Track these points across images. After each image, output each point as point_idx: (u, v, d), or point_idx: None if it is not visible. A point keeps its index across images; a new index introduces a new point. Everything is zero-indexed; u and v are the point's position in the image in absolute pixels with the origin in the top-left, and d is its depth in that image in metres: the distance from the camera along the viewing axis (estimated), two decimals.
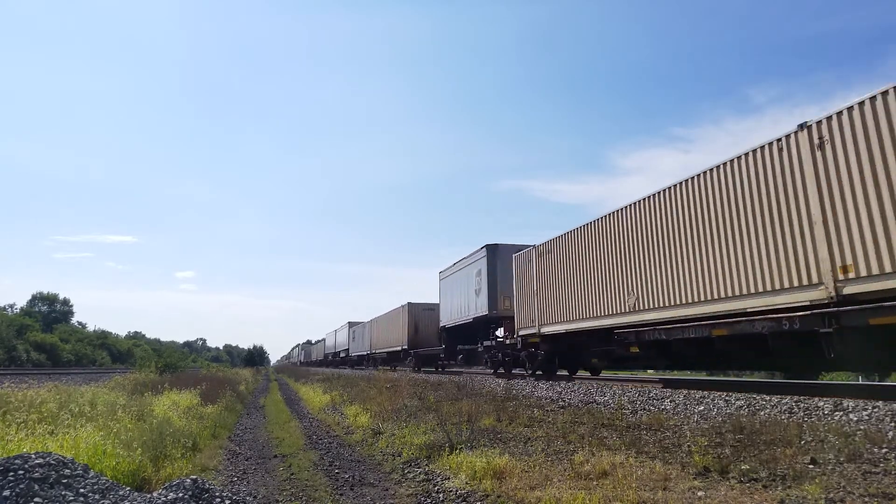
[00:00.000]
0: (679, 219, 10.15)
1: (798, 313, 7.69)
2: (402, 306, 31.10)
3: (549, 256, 15.22)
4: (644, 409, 8.86)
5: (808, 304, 7.58)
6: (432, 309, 28.49)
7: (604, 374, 16.60)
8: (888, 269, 6.57)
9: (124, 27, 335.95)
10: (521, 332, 16.67)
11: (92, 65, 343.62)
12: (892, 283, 6.54)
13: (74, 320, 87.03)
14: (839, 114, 7.23)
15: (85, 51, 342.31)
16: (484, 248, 20.11)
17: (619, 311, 11.87)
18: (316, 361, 77.39)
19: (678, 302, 10.06)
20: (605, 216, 12.62)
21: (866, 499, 3.85)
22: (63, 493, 3.54)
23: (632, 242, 11.57)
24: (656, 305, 10.65)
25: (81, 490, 3.64)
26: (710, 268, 9.34)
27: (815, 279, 7.52)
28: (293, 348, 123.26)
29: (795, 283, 7.79)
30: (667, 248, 10.45)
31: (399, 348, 31.29)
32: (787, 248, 7.97)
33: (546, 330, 15.18)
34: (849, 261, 7.04)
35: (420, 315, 29.66)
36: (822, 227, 7.42)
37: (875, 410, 6.26)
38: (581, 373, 16.34)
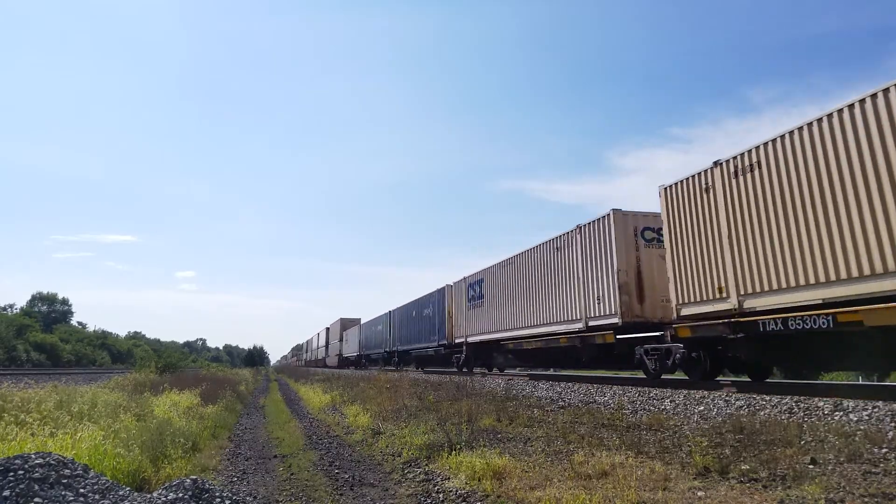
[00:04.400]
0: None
1: None
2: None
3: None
4: (644, 409, 8.86)
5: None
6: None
7: (604, 373, 17.28)
8: None
9: (124, 27, 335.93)
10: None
11: (92, 64, 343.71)
12: None
13: (74, 320, 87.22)
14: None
15: (85, 50, 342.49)
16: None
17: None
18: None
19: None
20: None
21: (866, 499, 3.85)
22: (63, 493, 3.53)
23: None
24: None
25: (81, 490, 3.63)
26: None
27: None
28: (291, 349, 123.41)
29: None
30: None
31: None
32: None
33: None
34: None
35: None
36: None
37: (875, 410, 6.26)
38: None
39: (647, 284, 12.22)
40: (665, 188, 10.95)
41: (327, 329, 61.40)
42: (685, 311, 10.32)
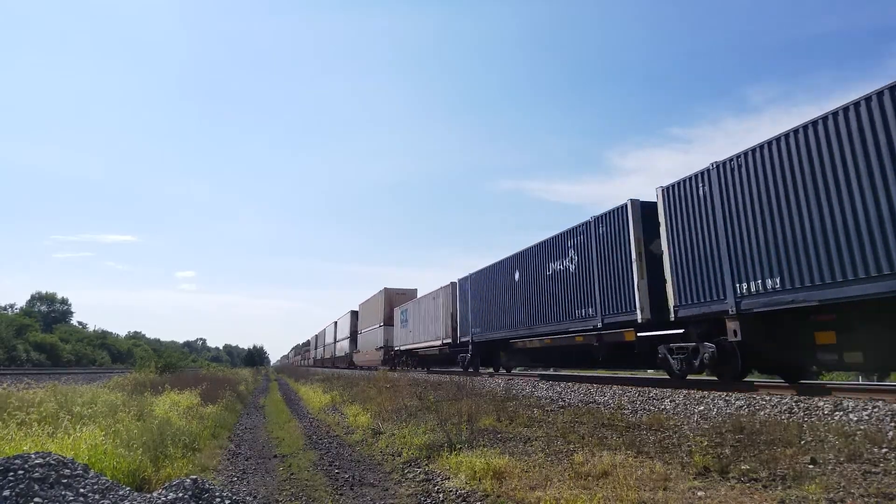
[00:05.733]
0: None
1: None
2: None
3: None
4: (644, 409, 8.86)
5: None
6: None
7: (604, 373, 17.05)
8: None
9: (124, 27, 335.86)
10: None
11: (92, 64, 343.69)
12: None
13: (74, 320, 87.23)
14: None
15: (85, 50, 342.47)
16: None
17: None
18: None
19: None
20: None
21: (866, 499, 3.85)
22: (63, 493, 3.53)
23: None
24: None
25: (81, 490, 3.63)
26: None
27: None
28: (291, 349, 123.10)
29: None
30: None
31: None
32: None
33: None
34: None
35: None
36: None
37: (875, 410, 6.26)
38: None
39: None
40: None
41: (353, 313, 44.06)
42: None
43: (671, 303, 10.43)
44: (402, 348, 28.89)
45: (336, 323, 51.22)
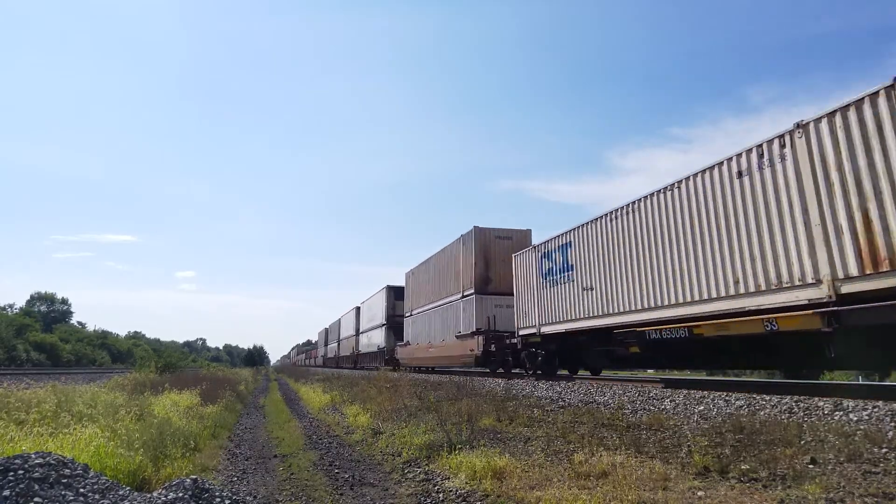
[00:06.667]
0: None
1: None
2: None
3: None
4: (644, 409, 8.86)
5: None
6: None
7: (604, 373, 16.61)
8: None
9: (124, 27, 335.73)
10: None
11: (92, 64, 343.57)
12: None
13: (74, 320, 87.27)
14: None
15: (85, 50, 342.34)
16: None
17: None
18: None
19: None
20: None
21: (866, 499, 3.84)
22: (63, 492, 3.53)
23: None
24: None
25: (81, 490, 3.63)
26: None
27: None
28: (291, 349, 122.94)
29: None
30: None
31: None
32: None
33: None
34: None
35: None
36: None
37: (875, 410, 6.26)
38: (581, 372, 16.28)
39: None
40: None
41: (391, 290, 31.97)
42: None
43: None
44: (549, 330, 15.01)
45: (359, 308, 39.77)
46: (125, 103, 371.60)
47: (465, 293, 20.02)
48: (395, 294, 31.88)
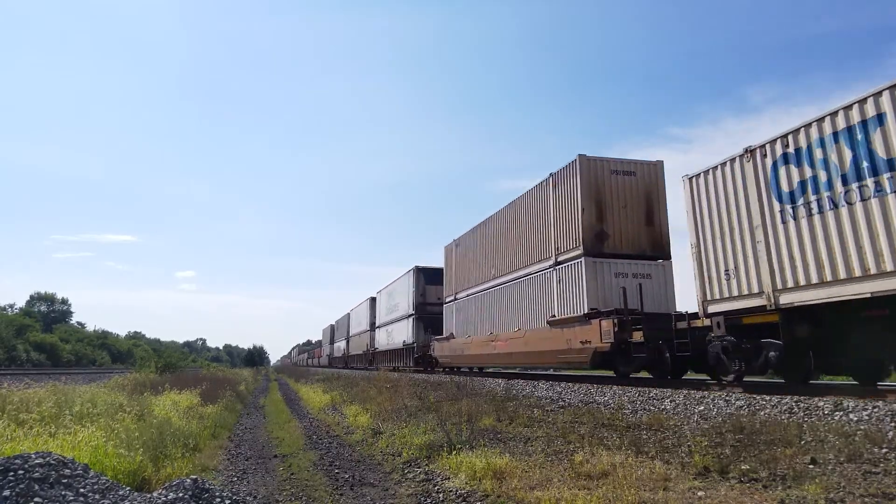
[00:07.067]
0: None
1: None
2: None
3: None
4: (644, 409, 8.86)
5: None
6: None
7: (603, 373, 14.20)
8: None
9: (124, 27, 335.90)
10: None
11: (92, 64, 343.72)
12: None
13: (74, 320, 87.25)
14: None
15: (85, 50, 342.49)
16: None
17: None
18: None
19: None
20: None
21: (866, 499, 3.84)
22: (63, 492, 3.53)
23: None
24: None
25: (81, 490, 3.63)
26: None
27: None
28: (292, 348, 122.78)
29: None
30: None
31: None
32: None
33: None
34: None
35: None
36: None
37: (875, 410, 6.26)
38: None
39: None
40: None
41: (420, 271, 26.34)
42: None
43: None
44: (804, 299, 8.34)
45: (374, 298, 33.87)
46: (125, 103, 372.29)
47: (564, 257, 13.98)
48: (427, 277, 25.51)
